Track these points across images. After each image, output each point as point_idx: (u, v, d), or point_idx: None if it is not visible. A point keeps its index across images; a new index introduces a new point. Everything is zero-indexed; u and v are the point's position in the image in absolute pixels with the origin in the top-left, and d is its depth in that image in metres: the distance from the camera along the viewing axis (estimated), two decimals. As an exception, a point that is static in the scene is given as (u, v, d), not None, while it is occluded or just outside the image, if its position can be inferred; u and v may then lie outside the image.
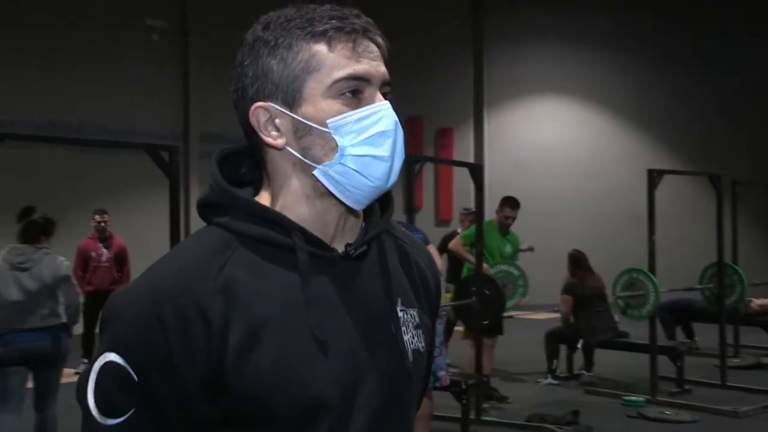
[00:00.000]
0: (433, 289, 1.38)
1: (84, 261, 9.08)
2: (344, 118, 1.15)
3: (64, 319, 5.40)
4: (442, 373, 5.66)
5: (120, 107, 13.29)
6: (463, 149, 17.57)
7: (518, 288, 7.46)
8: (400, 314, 1.25)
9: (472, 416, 6.48)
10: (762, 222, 12.61)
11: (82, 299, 5.80)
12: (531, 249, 9.61)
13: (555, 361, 8.66)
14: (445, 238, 9.60)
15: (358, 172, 1.15)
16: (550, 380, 8.51)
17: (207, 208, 1.22)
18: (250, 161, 1.27)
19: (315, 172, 1.17)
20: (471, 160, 16.21)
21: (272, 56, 1.17)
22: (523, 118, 17.84)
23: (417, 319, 1.28)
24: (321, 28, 1.15)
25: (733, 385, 8.00)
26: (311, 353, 1.13)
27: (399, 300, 1.26)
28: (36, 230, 5.42)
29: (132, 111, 13.37)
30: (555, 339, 8.73)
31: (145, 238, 11.76)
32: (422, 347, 1.28)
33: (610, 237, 16.37)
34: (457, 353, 8.49)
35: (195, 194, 14.16)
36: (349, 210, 1.21)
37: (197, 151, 14.25)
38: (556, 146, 17.58)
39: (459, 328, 9.92)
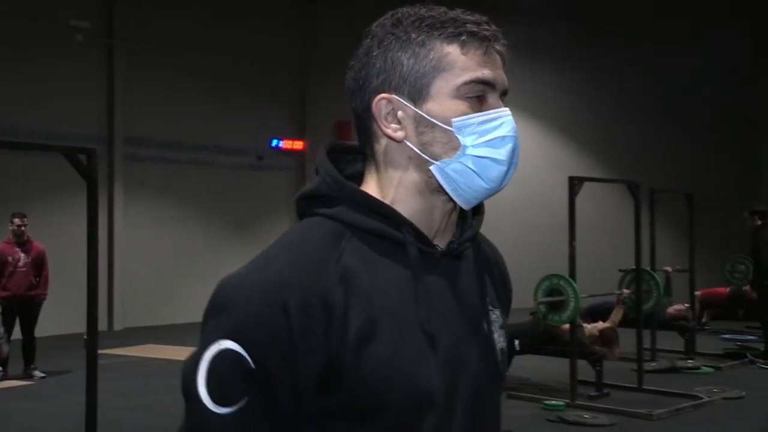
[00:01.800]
0: (509, 292, 1.41)
1: (0, 266, 8.83)
2: (469, 119, 1.17)
3: None
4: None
5: (43, 109, 12.98)
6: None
7: None
8: (491, 314, 1.28)
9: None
10: (679, 229, 12.98)
11: None
12: None
13: None
14: None
15: (475, 172, 1.17)
16: None
17: (312, 200, 1.22)
18: (349, 157, 1.28)
19: (432, 168, 1.18)
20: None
21: (403, 51, 1.18)
22: (452, 124, 18.02)
23: (500, 319, 1.31)
24: (456, 30, 1.17)
25: (649, 388, 8.20)
26: (420, 347, 1.14)
27: (488, 299, 1.29)
28: None
29: (55, 113, 13.07)
30: None
31: (65, 242, 11.52)
32: (505, 347, 1.30)
33: (536, 244, 16.64)
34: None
35: (119, 197, 13.91)
36: (454, 209, 1.23)
37: (121, 154, 13.99)
38: (484, 154, 17.81)
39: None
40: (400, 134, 1.19)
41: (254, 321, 1.08)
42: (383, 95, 1.19)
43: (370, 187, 1.23)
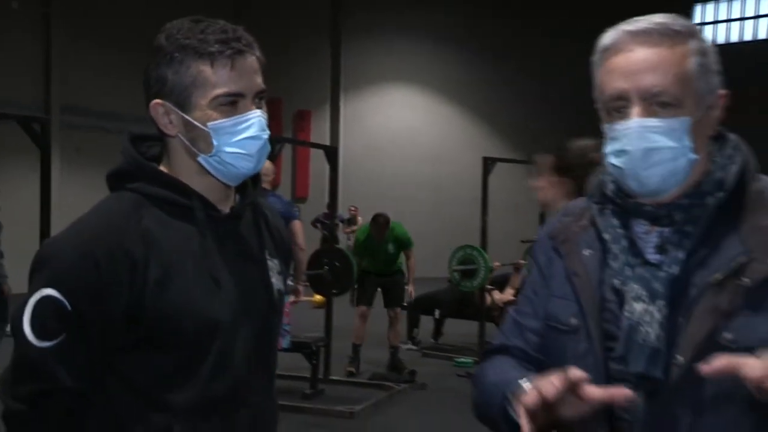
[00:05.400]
0: (286, 248, 1.74)
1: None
2: (221, 123, 1.42)
3: None
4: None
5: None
6: (320, 131, 18.12)
7: None
8: (268, 261, 1.60)
9: (320, 375, 7.05)
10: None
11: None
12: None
13: (416, 330, 9.35)
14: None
15: (230, 164, 1.44)
16: (410, 346, 9.18)
17: (118, 177, 1.49)
18: (149, 142, 1.55)
19: (199, 159, 1.46)
20: (327, 142, 16.78)
21: (168, 67, 1.42)
22: (377, 104, 18.63)
23: (278, 267, 1.63)
24: (208, 50, 1.40)
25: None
26: (208, 287, 1.44)
27: (266, 251, 1.60)
28: None
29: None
30: (417, 309, 9.41)
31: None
32: (282, 288, 1.64)
33: (452, 217, 17.37)
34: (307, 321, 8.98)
35: (56, 166, 13.95)
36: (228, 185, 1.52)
37: (58, 122, 14.02)
38: (406, 132, 18.49)
39: (308, 298, 10.35)
40: (173, 131, 1.45)
41: (69, 271, 1.35)
42: (157, 101, 1.45)
43: (164, 167, 1.50)
